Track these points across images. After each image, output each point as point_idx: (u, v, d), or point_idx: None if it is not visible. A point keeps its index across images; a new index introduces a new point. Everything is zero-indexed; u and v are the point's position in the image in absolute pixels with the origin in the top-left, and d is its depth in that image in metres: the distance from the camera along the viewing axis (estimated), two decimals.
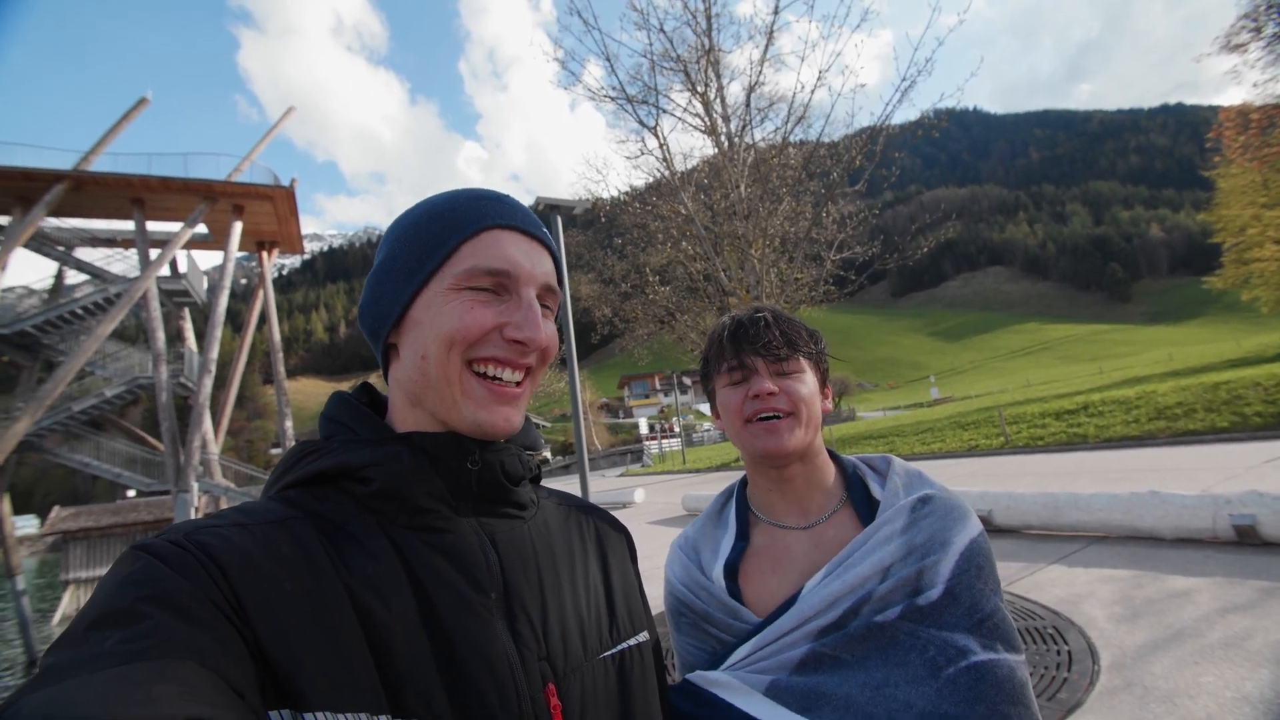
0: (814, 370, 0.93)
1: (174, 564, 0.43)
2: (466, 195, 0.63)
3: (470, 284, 0.59)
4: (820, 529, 0.90)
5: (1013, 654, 0.75)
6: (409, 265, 0.61)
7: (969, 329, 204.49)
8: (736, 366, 0.92)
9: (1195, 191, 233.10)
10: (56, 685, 0.35)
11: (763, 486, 0.96)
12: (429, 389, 0.59)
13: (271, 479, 0.60)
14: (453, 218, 0.61)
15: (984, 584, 0.79)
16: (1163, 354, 61.84)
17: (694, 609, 0.91)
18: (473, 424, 0.59)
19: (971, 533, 0.82)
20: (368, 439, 0.58)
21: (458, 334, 0.57)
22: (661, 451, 39.78)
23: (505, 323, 0.59)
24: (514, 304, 0.60)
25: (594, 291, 11.58)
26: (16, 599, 18.80)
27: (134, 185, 19.74)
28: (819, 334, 0.97)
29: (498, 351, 0.59)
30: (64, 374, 17.26)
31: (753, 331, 0.91)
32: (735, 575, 0.90)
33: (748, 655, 0.81)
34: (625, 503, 14.54)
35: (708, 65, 7.65)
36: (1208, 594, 3.68)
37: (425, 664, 0.49)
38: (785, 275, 7.46)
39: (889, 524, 0.83)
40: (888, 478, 0.92)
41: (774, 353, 0.89)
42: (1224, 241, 26.30)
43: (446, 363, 0.58)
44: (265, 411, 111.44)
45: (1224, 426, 9.91)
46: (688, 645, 0.92)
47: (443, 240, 0.60)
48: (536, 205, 6.53)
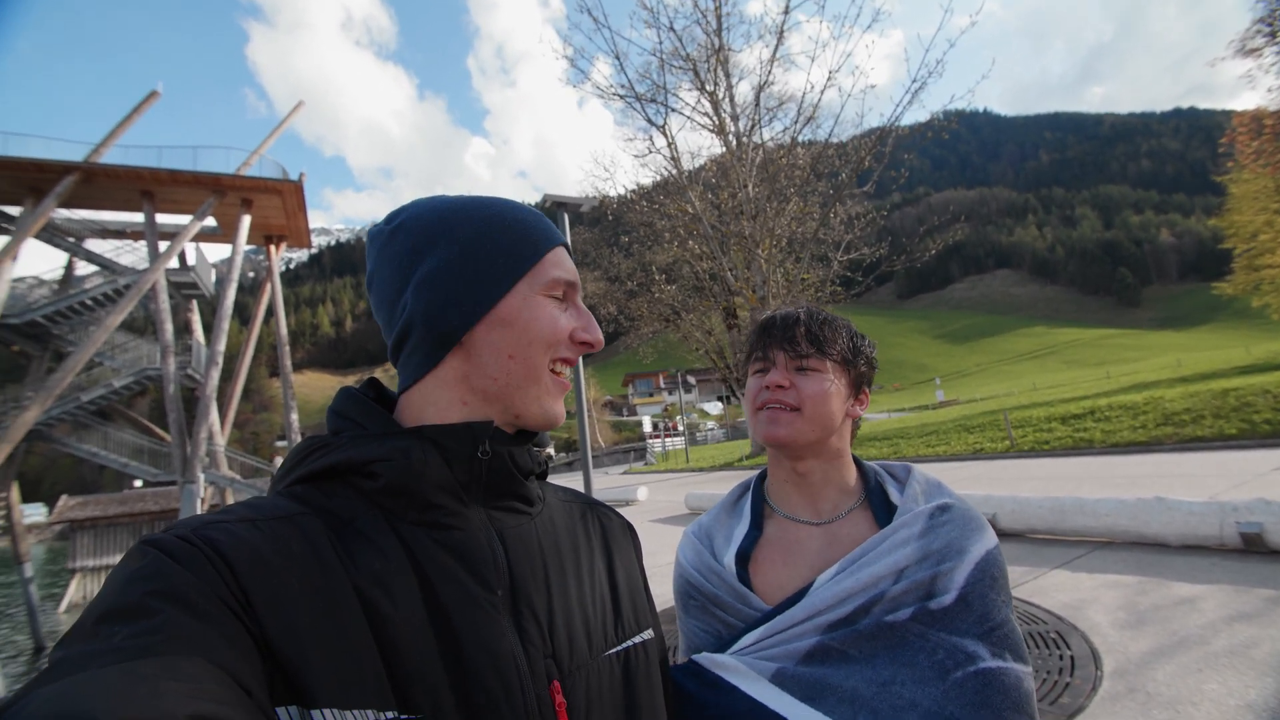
0: (842, 373, 0.94)
1: (182, 559, 0.43)
2: (533, 213, 0.70)
3: (553, 292, 0.65)
4: (835, 526, 0.91)
5: (1021, 664, 0.75)
6: (497, 270, 0.63)
7: (976, 332, 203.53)
8: (760, 357, 0.96)
9: (1207, 196, 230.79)
10: (66, 679, 0.35)
11: (779, 478, 0.98)
12: (513, 386, 0.63)
13: (279, 474, 0.60)
14: (535, 233, 0.67)
15: (997, 595, 0.79)
16: (1171, 360, 61.34)
17: (703, 592, 0.93)
18: (544, 416, 0.65)
19: (988, 544, 0.83)
20: (376, 434, 0.58)
21: (554, 336, 0.64)
22: (665, 450, 39.77)
23: (578, 327, 0.67)
24: (575, 311, 0.68)
25: (600, 289, 11.61)
26: (24, 586, 19.00)
27: (144, 178, 19.87)
28: (865, 339, 0.98)
29: (569, 353, 0.66)
30: (73, 364, 17.41)
31: (782, 327, 0.95)
32: (746, 563, 0.92)
33: (756, 642, 0.82)
34: (628, 500, 14.55)
35: (717, 64, 7.65)
36: (1213, 602, 3.66)
37: (432, 661, 0.49)
38: (792, 275, 7.46)
39: (907, 527, 0.83)
40: (907, 484, 0.94)
41: (795, 348, 0.92)
42: (1235, 247, 26.08)
43: (539, 362, 0.63)
44: (271, 404, 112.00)
45: (1232, 433, 9.83)
46: (695, 628, 0.94)
47: (532, 250, 0.65)
48: (544, 203, 6.53)
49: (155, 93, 21.96)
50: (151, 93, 21.88)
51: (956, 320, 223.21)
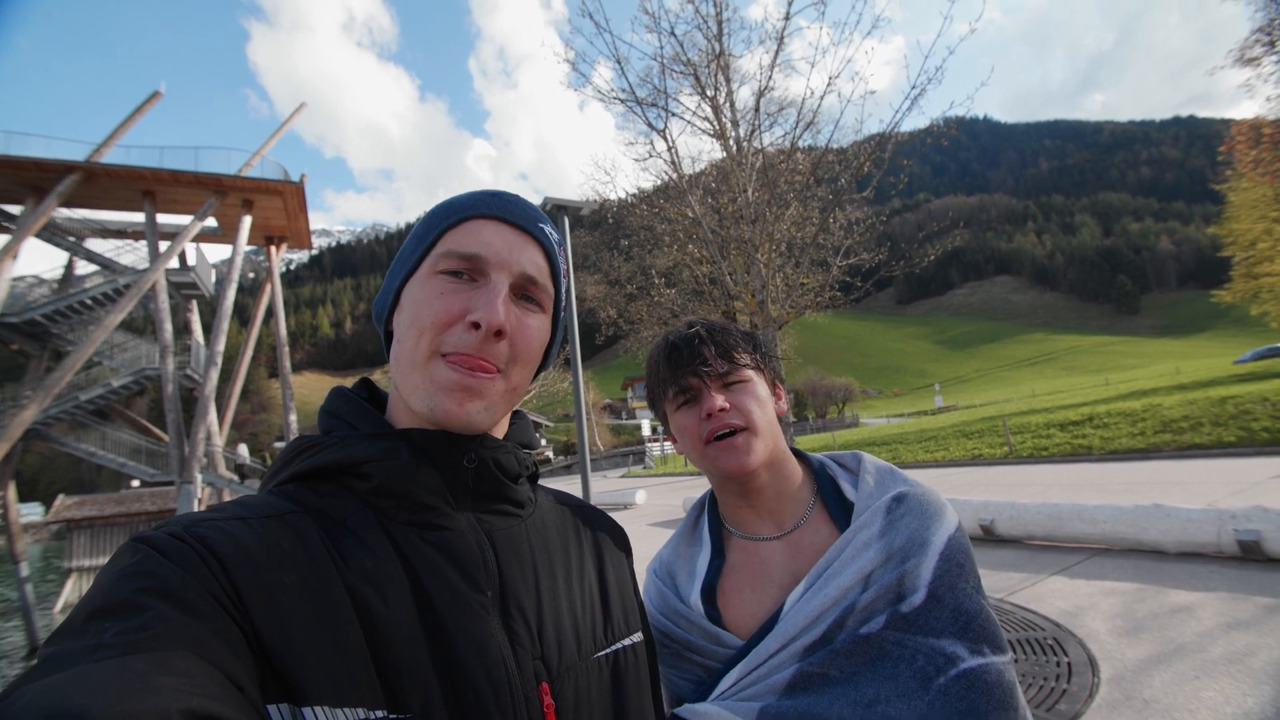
0: (761, 375, 0.91)
1: (173, 556, 0.43)
2: (471, 192, 0.65)
3: (443, 268, 0.59)
4: (795, 536, 0.87)
5: (999, 655, 0.74)
6: (404, 254, 0.63)
7: (975, 338, 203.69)
8: (679, 390, 0.90)
9: (1206, 205, 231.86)
10: (56, 675, 0.34)
11: (731, 503, 0.94)
12: (401, 376, 0.60)
13: (270, 473, 0.59)
14: (445, 209, 0.63)
15: (965, 582, 0.77)
16: (1170, 367, 61.42)
17: (675, 638, 0.88)
18: (429, 410, 0.57)
19: (949, 529, 0.81)
20: (366, 434, 0.58)
21: (425, 318, 0.58)
22: (663, 453, 39.73)
23: (470, 309, 0.58)
24: (480, 290, 0.59)
25: (600, 292, 11.60)
26: (20, 585, 18.93)
27: (145, 178, 19.90)
28: (757, 337, 0.96)
29: (465, 347, 0.57)
30: (72, 363, 17.40)
31: (688, 351, 0.89)
32: (714, 597, 0.88)
33: (735, 683, 0.78)
34: (626, 504, 14.52)
35: (718, 69, 7.67)
36: (1211, 609, 3.65)
37: (422, 661, 0.49)
38: (791, 280, 7.46)
39: (866, 528, 0.81)
40: (859, 476, 0.90)
41: (712, 367, 0.88)
42: (1234, 255, 26.10)
43: (415, 348, 0.58)
44: (270, 405, 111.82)
45: (1230, 441, 9.84)
46: (674, 676, 0.89)
47: (431, 228, 0.62)
48: (544, 205, 6.56)
49: (158, 93, 22.01)
50: (154, 93, 21.92)
51: (956, 326, 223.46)
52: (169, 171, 20.08)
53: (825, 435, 36.89)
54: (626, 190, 9.34)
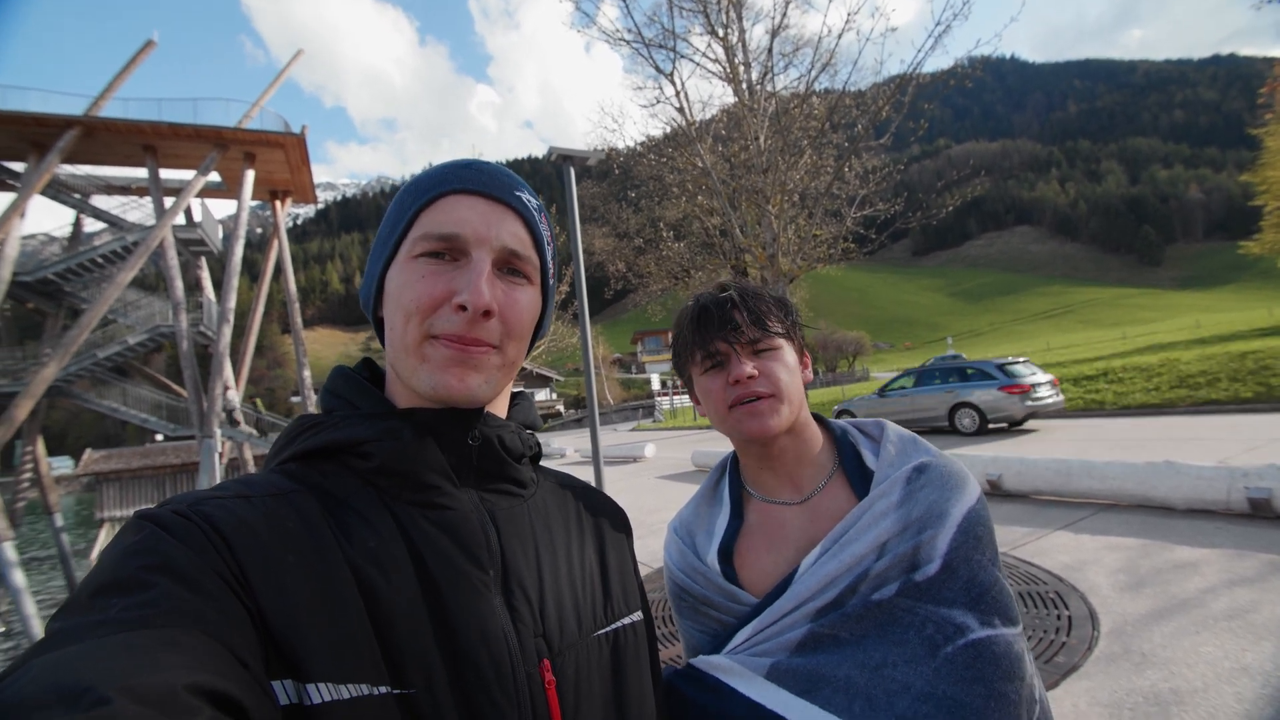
0: (790, 343, 0.91)
1: (178, 533, 0.44)
2: (439, 165, 0.63)
3: (422, 251, 0.58)
4: (815, 501, 0.89)
5: (1010, 627, 0.74)
6: (381, 239, 0.63)
7: (991, 290, 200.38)
8: (707, 354, 0.89)
9: (1240, 150, 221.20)
10: (62, 650, 0.35)
11: (752, 466, 0.95)
12: (397, 361, 0.60)
13: (273, 451, 0.60)
14: (415, 188, 0.61)
15: (982, 555, 0.77)
16: (1190, 320, 60.23)
17: (693, 594, 0.92)
18: (431, 389, 0.57)
19: (970, 501, 0.80)
20: (368, 414, 0.59)
21: (410, 304, 0.57)
22: (673, 407, 40.14)
23: (455, 290, 0.57)
24: (462, 270, 0.58)
25: (608, 245, 11.41)
26: (55, 535, 19.86)
27: (145, 132, 19.54)
28: (790, 304, 0.94)
29: (455, 329, 0.57)
30: (87, 321, 17.61)
31: (720, 316, 0.88)
32: (731, 556, 0.90)
33: (749, 638, 0.81)
34: (635, 457, 14.77)
35: (730, 5, 7.24)
36: (1215, 566, 3.68)
37: (425, 638, 0.50)
38: (804, 232, 7.25)
39: (885, 497, 0.81)
40: (881, 444, 0.90)
41: (744, 334, 0.87)
42: (1266, 204, 25.11)
43: (405, 333, 0.58)
44: (285, 361, 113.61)
45: (1248, 397, 9.72)
46: (691, 629, 0.93)
47: (404, 210, 0.61)
48: (549, 155, 6.35)
49: (151, 42, 21.37)
50: (148, 42, 21.29)
51: (972, 278, 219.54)
52: (169, 125, 19.68)
53: (835, 389, 36.91)
54: (634, 139, 9.04)
